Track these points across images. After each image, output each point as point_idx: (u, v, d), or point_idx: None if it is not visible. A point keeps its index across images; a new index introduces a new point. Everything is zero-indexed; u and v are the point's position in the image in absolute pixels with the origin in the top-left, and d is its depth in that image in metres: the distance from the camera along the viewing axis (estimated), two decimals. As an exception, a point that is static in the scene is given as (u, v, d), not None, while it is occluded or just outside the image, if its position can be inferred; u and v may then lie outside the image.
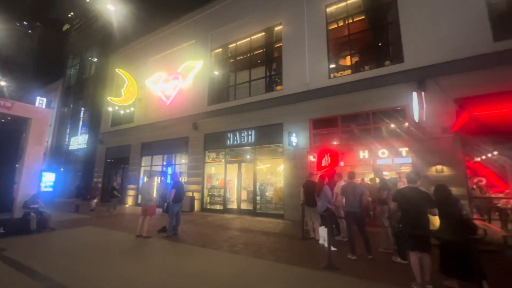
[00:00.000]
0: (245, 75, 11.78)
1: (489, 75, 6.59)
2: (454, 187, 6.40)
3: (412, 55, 7.77)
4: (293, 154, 9.43)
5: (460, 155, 6.85)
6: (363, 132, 8.69)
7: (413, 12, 7.95)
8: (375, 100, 8.20)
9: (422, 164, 7.18)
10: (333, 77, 9.33)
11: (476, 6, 7.10)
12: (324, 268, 4.34)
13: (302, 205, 6.76)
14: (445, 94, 6.99)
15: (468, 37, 7.02)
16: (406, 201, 3.79)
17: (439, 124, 7.00)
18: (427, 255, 3.60)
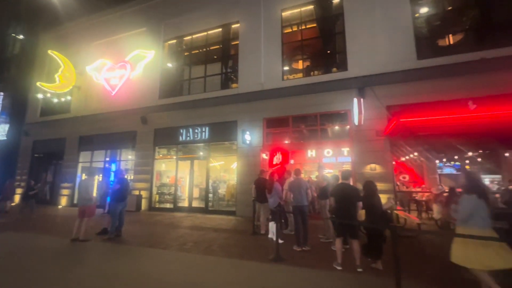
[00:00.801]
0: (201, 70, 11.51)
1: (413, 87, 7.75)
2: (383, 183, 7.41)
3: (354, 65, 8.63)
4: (247, 152, 9.61)
5: (389, 155, 7.92)
6: (311, 133, 9.35)
7: (356, 26, 8.83)
8: (322, 103, 8.88)
9: (360, 163, 8.09)
10: (286, 79, 9.78)
11: (405, 27, 8.25)
12: (272, 260, 4.58)
13: (254, 201, 6.97)
14: (379, 101, 7.98)
15: (398, 53, 8.12)
16: (340, 196, 4.37)
17: (374, 128, 7.97)
18: (356, 242, 4.17)
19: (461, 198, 3.30)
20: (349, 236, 4.25)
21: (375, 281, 3.72)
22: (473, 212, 3.14)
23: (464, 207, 3.21)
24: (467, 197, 3.23)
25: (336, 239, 4.37)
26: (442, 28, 8.53)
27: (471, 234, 3.00)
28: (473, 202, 3.16)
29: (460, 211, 3.23)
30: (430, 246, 5.59)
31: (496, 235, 3.09)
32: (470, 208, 3.16)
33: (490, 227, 3.16)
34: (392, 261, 3.17)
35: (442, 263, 4.44)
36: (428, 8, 8.65)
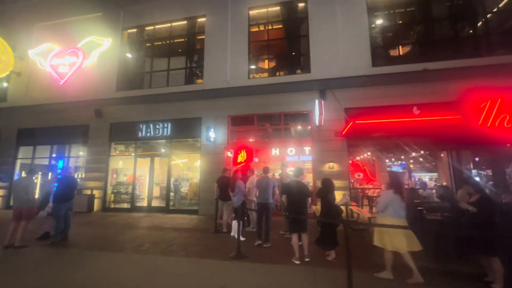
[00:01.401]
0: (163, 63, 10.97)
1: (368, 92, 8.40)
2: (340, 180, 7.90)
3: (317, 67, 9.03)
4: (211, 149, 9.45)
5: (346, 154, 8.46)
6: (276, 132, 9.56)
7: (319, 31, 9.23)
8: (286, 103, 9.13)
9: (319, 161, 8.50)
10: (252, 78, 9.83)
11: (362, 36, 8.88)
12: (233, 257, 4.58)
13: (216, 200, 6.89)
14: (339, 104, 8.48)
15: (356, 60, 8.71)
16: (293, 193, 4.64)
17: (333, 129, 8.44)
18: (305, 235, 4.55)
19: (382, 193, 3.99)
20: (300, 230, 4.56)
21: (330, 273, 3.95)
22: (389, 204, 3.83)
23: (382, 200, 3.94)
24: (386, 192, 3.99)
25: (292, 235, 4.62)
26: (393, 39, 9.38)
27: (387, 222, 3.71)
28: (389, 196, 3.87)
29: (379, 203, 3.97)
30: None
31: (406, 224, 3.89)
32: (387, 201, 3.86)
33: (402, 217, 3.83)
34: (345, 253, 3.39)
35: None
36: (383, 20, 9.44)
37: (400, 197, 3.82)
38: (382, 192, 4.11)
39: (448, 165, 7.63)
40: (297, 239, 4.57)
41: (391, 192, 3.87)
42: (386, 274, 3.78)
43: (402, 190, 3.92)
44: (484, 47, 8.48)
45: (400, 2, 9.18)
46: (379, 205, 3.96)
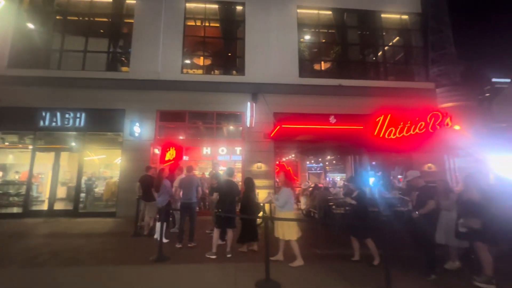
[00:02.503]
0: (79, 42, 9.41)
1: (295, 100, 9.23)
2: (266, 180, 8.42)
3: (251, 71, 9.38)
4: (135, 146, 8.64)
5: (273, 156, 9.07)
6: (208, 130, 9.48)
7: (255, 36, 9.63)
8: (220, 102, 9.16)
9: (249, 161, 8.86)
10: (186, 73, 9.48)
11: (292, 47, 9.72)
12: (154, 260, 4.34)
13: (138, 200, 6.36)
14: (268, 108, 9.03)
15: (285, 69, 9.46)
16: (225, 191, 4.82)
17: (262, 131, 8.94)
18: (231, 231, 4.78)
19: (281, 190, 4.57)
20: (227, 226, 4.76)
21: (250, 266, 4.18)
22: (287, 200, 4.41)
23: (283, 197, 4.43)
24: (284, 189, 4.50)
25: (215, 230, 4.78)
26: (317, 55, 10.61)
27: (286, 216, 4.37)
28: (288, 193, 4.45)
29: (280, 200, 4.44)
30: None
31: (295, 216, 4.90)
32: (286, 198, 4.42)
33: (293, 209, 4.69)
34: (264, 247, 3.66)
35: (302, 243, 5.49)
36: (310, 36, 10.55)
37: (293, 193, 4.53)
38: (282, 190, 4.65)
39: (352, 167, 9.13)
40: (218, 236, 4.76)
41: (289, 190, 4.47)
42: (298, 262, 4.26)
43: (294, 187, 4.67)
44: (382, 73, 10.49)
45: (324, 23, 10.45)
46: (280, 201, 4.42)
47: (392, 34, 11.04)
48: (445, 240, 4.11)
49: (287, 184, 4.57)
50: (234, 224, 4.83)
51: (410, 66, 10.70)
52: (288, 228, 4.27)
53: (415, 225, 4.02)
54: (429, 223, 3.96)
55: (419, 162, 9.31)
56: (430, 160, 9.36)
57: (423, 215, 3.91)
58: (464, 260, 4.16)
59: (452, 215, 4.08)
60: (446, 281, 3.73)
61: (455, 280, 3.78)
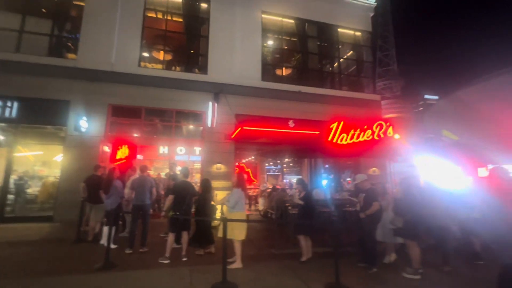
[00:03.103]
0: (13, 20, 8.13)
1: (257, 102, 9.39)
2: (226, 181, 8.38)
3: (214, 71, 9.25)
4: (81, 142, 7.79)
5: (233, 157, 9.08)
6: (166, 128, 9.05)
7: (219, 36, 9.53)
8: (180, 100, 8.83)
9: (208, 162, 8.72)
10: (143, 66, 8.91)
11: (256, 51, 9.88)
12: (99, 268, 3.97)
13: (83, 202, 5.76)
14: (230, 109, 9.02)
15: (249, 71, 9.57)
16: (180, 192, 4.66)
17: (223, 132, 8.88)
18: (186, 233, 4.66)
19: (232, 191, 4.60)
20: (183, 228, 4.63)
21: (206, 269, 4.12)
22: (238, 201, 4.42)
23: (233, 198, 4.44)
24: (235, 190, 4.51)
25: (170, 234, 4.61)
26: (279, 61, 10.98)
27: (236, 217, 4.27)
28: (239, 194, 4.47)
29: (230, 200, 4.44)
30: (254, 231, 6.91)
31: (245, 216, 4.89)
32: (237, 199, 4.43)
33: (244, 210, 4.63)
34: (218, 248, 3.64)
35: (259, 244, 5.61)
36: (273, 42, 10.86)
37: (244, 194, 4.56)
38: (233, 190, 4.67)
39: (307, 169, 9.65)
40: (173, 239, 4.61)
41: (240, 191, 4.49)
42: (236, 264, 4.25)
43: (246, 188, 4.71)
44: (337, 82, 11.32)
45: (287, 31, 10.86)
46: (231, 202, 4.42)
47: (346, 48, 12.00)
48: (382, 237, 4.62)
49: (239, 185, 4.56)
50: (189, 226, 4.70)
51: (360, 79, 11.75)
52: (237, 229, 4.25)
53: (362, 225, 4.46)
54: (373, 222, 4.42)
55: (365, 166, 10.28)
56: (375, 164, 10.41)
57: (369, 215, 4.35)
58: (400, 254, 4.73)
59: (387, 214, 4.60)
60: (384, 274, 4.19)
61: (391, 272, 4.27)
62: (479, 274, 4.08)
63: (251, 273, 4.07)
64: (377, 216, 4.45)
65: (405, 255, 4.46)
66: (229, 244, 4.01)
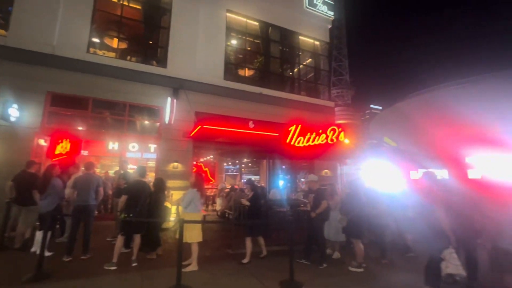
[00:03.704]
0: None
1: (219, 101, 9.26)
2: (183, 180, 8.07)
3: (174, 65, 8.83)
4: (9, 133, 6.66)
5: (191, 155, 8.79)
6: (117, 123, 8.33)
7: (181, 29, 9.13)
8: (135, 93, 8.22)
9: (164, 160, 8.28)
10: (93, 52, 8.05)
11: (219, 49, 9.74)
12: (29, 280, 3.46)
13: (9, 204, 4.94)
14: (190, 106, 8.72)
15: (211, 68, 9.38)
16: (134, 193, 4.32)
17: (182, 129, 8.53)
18: (139, 237, 4.34)
19: (187, 191, 4.48)
20: (135, 231, 4.31)
21: (158, 273, 3.92)
22: (192, 201, 4.29)
23: (187, 198, 4.32)
24: (190, 190, 4.41)
25: (119, 237, 4.24)
26: (242, 61, 11.01)
27: (190, 217, 4.04)
28: (193, 194, 4.34)
29: (184, 200, 4.32)
30: (211, 232, 6.81)
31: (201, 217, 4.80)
32: (191, 198, 4.30)
33: (200, 211, 4.52)
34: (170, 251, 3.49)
35: (215, 244, 5.55)
36: (236, 42, 10.84)
37: (200, 194, 4.44)
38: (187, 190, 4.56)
39: (266, 170, 9.87)
40: (122, 243, 4.27)
41: (195, 191, 4.37)
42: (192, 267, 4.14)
43: (202, 188, 4.59)
44: (296, 87, 11.83)
45: (251, 33, 10.96)
46: (184, 202, 4.31)
47: (306, 55, 12.62)
48: (327, 235, 4.96)
49: (195, 185, 4.45)
50: (143, 229, 4.40)
51: (317, 85, 12.48)
52: (191, 230, 4.08)
53: (312, 223, 4.75)
54: (322, 220, 4.74)
55: (319, 168, 10.94)
56: (327, 166, 11.17)
57: (318, 214, 4.65)
58: (346, 250, 5.16)
59: (335, 213, 4.97)
60: (333, 268, 4.52)
61: (339, 266, 4.63)
62: (411, 265, 4.69)
63: (207, 274, 4.01)
64: (325, 214, 4.78)
65: (350, 251, 4.90)
66: (185, 246, 3.88)
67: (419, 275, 3.56)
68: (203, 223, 4.68)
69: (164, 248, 4.90)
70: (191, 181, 4.61)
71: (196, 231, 4.22)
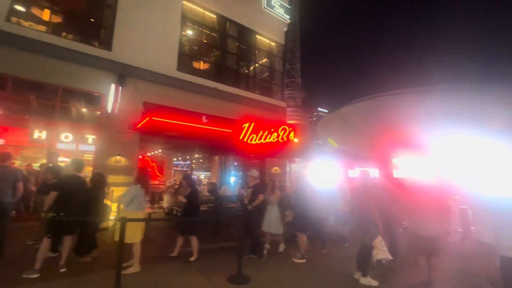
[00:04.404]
0: None
1: (171, 93, 8.77)
2: (126, 176, 7.44)
3: (120, 49, 8.01)
4: None
5: (137, 149, 8.15)
6: (46, 108, 7.19)
7: (131, 11, 8.32)
8: (71, 76, 7.20)
9: (105, 153, 7.49)
10: (15, 23, 6.76)
11: (173, 38, 9.22)
12: None
13: None
14: (138, 95, 8.06)
15: (163, 57, 8.83)
16: (67, 190, 3.83)
17: (127, 120, 7.83)
18: (70, 238, 3.88)
19: (128, 187, 4.15)
20: (66, 232, 3.84)
21: (97, 277, 3.56)
22: (134, 198, 3.99)
23: (128, 194, 4.01)
24: (132, 186, 4.09)
25: (45, 240, 3.65)
26: (198, 53, 10.64)
27: (132, 216, 3.68)
28: (135, 190, 4.03)
29: (125, 197, 4.00)
30: (157, 230, 6.45)
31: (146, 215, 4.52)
32: (132, 195, 3.98)
33: (144, 208, 4.25)
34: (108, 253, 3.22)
35: (161, 243, 5.30)
36: (192, 32, 10.42)
37: (145, 190, 4.17)
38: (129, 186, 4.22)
39: (218, 166, 9.79)
40: (49, 246, 3.71)
41: (138, 187, 4.07)
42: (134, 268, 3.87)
43: (147, 185, 4.30)
44: (251, 85, 11.98)
45: (208, 25, 10.65)
46: (125, 199, 3.99)
47: (262, 54, 12.87)
48: (268, 228, 5.16)
49: (139, 180, 4.14)
50: (75, 229, 3.96)
51: (271, 85, 12.85)
52: (133, 229, 3.71)
53: (249, 217, 4.87)
54: (258, 213, 4.89)
55: (269, 165, 11.33)
56: (277, 164, 11.63)
57: (254, 207, 4.81)
58: (290, 242, 5.48)
59: (274, 208, 5.19)
60: (279, 260, 4.76)
61: (283, 258, 4.90)
62: (347, 253, 5.23)
63: (150, 275, 3.80)
64: (261, 207, 4.95)
65: (294, 243, 5.22)
66: (127, 247, 3.60)
67: (353, 261, 4.03)
68: (147, 222, 4.36)
69: (101, 250, 4.44)
70: (134, 177, 4.28)
71: (138, 230, 3.93)
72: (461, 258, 5.07)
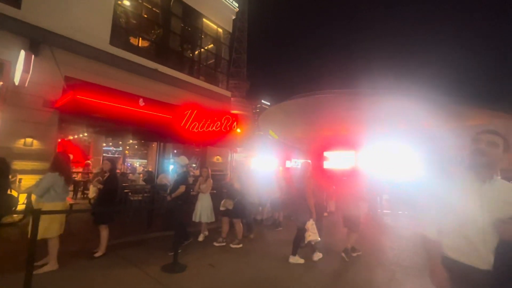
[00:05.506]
0: None
1: (101, 69, 7.71)
2: (41, 162, 6.36)
3: (34, 8, 6.60)
4: None
5: (55, 131, 6.99)
6: None
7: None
8: (-43, 32, 5.62)
9: (10, 134, 6.18)
10: None
11: (107, 6, 8.08)
12: None
13: None
14: (58, 68, 6.83)
15: (93, 28, 7.67)
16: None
17: (42, 96, 6.60)
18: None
19: (45, 175, 3.57)
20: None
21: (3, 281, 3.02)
22: (50, 188, 3.49)
23: (43, 183, 3.47)
24: (49, 174, 3.54)
25: None
26: (136, 28, 9.58)
27: (49, 208, 3.35)
28: (52, 179, 3.51)
29: (39, 187, 3.45)
30: (80, 223, 5.77)
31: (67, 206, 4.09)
32: (47, 185, 3.47)
33: (65, 199, 3.77)
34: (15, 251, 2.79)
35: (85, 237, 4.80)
36: (130, 3, 9.29)
37: (64, 180, 3.64)
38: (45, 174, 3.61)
39: (156, 154, 9.18)
40: None
41: (56, 175, 3.55)
42: (50, 266, 3.45)
43: (68, 172, 3.77)
44: (195, 70, 11.50)
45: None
46: (38, 189, 3.45)
47: (208, 40, 12.42)
48: (199, 217, 5.18)
49: (56, 168, 3.58)
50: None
51: (217, 73, 12.60)
52: (48, 223, 3.33)
53: (169, 206, 4.79)
54: (179, 204, 4.64)
55: (211, 154, 11.24)
56: (219, 153, 11.63)
57: (176, 197, 4.69)
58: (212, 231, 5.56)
59: (206, 196, 5.27)
60: (217, 247, 4.88)
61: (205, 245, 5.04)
62: (281, 236, 5.69)
63: (71, 272, 3.43)
64: (183, 197, 4.78)
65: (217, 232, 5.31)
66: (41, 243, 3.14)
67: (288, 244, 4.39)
68: (67, 214, 3.85)
69: (5, 249, 3.76)
70: (51, 163, 3.68)
71: (56, 223, 3.46)
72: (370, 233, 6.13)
